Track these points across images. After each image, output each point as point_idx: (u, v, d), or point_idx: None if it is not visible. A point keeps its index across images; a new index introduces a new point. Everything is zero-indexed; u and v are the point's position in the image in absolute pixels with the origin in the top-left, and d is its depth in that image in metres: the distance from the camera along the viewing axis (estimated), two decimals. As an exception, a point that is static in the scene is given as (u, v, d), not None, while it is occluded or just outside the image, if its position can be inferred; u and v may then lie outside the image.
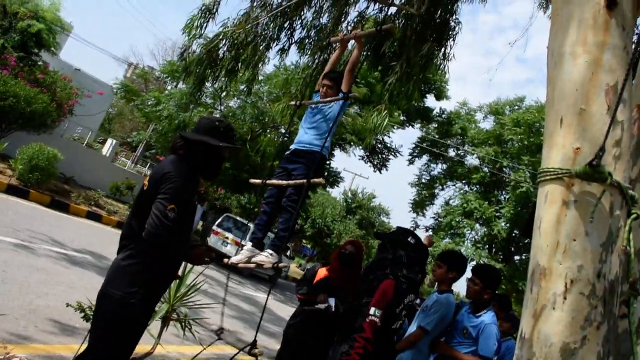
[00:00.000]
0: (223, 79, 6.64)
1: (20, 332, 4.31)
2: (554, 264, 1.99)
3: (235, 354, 3.31)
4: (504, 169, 24.91)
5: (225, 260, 3.68)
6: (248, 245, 3.84)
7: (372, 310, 3.03)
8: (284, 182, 3.96)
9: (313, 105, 4.21)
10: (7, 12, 16.15)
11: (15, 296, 5.11)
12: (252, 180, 4.21)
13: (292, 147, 4.11)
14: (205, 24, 6.33)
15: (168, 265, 2.73)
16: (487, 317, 3.80)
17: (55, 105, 15.03)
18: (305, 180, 3.74)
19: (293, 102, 4.47)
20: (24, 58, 15.87)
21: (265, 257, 3.74)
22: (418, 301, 4.06)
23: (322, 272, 4.58)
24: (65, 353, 4.20)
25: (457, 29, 6.05)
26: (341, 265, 4.39)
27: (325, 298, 4.26)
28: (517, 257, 25.48)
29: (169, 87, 24.67)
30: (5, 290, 5.11)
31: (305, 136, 4.05)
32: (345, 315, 4.11)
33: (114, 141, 23.10)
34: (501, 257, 24.66)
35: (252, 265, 3.76)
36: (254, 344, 3.17)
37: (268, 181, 4.03)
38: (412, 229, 26.39)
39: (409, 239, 3.24)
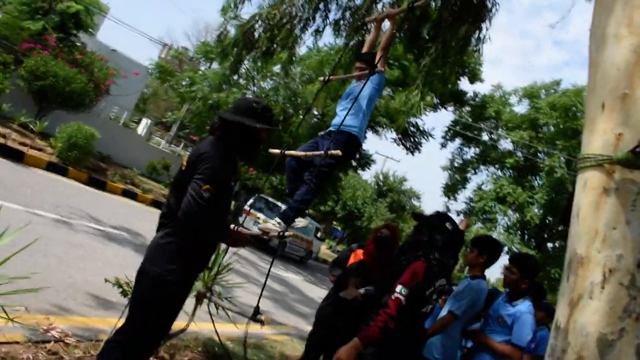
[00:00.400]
0: (259, 60, 6.65)
1: (60, 304, 4.47)
2: (593, 253, 1.94)
3: (247, 327, 3.38)
4: (538, 154, 24.36)
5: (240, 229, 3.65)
6: (276, 219, 3.83)
7: (398, 287, 3.00)
8: (301, 153, 3.94)
9: (349, 88, 4.17)
10: (48, -7, 16.47)
11: (55, 270, 5.29)
12: (272, 150, 4.17)
13: (330, 128, 4.10)
14: (241, 6, 6.34)
15: (205, 245, 2.78)
16: (524, 306, 3.76)
17: (93, 85, 15.35)
18: (322, 152, 3.70)
19: (322, 78, 4.42)
20: (63, 39, 16.21)
21: (272, 225, 3.71)
22: (449, 287, 4.05)
23: (357, 255, 4.58)
24: (103, 326, 4.35)
25: (493, 10, 5.91)
26: (377, 249, 4.36)
27: (355, 282, 4.25)
28: (550, 245, 25.04)
29: (202, 68, 24.86)
30: (46, 263, 5.30)
31: (337, 119, 4.03)
32: (378, 299, 4.09)
33: (149, 121, 23.52)
34: (534, 244, 24.26)
35: (259, 233, 3.70)
36: (256, 311, 3.21)
37: (287, 152, 4.02)
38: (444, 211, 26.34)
39: (446, 224, 3.21)
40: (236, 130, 2.82)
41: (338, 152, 3.69)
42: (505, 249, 22.19)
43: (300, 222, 3.87)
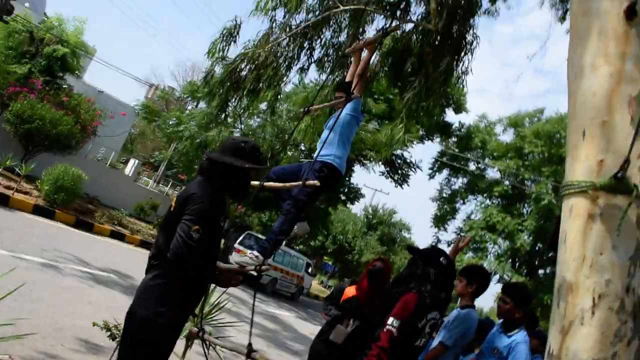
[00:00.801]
0: (245, 99, 6.73)
1: (48, 351, 4.37)
2: (581, 279, 1.96)
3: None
4: (526, 182, 24.61)
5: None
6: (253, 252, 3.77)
7: (390, 320, 3.01)
8: (279, 185, 3.91)
9: (329, 123, 4.19)
10: (34, 38, 16.63)
11: (43, 315, 5.18)
12: (253, 183, 4.16)
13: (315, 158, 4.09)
14: (227, 47, 6.45)
15: (195, 285, 2.74)
16: (519, 336, 3.73)
17: (80, 127, 15.37)
18: (299, 183, 3.67)
19: (302, 109, 4.45)
20: (49, 82, 16.29)
21: (249, 259, 3.64)
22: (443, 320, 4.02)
23: (349, 291, 4.55)
24: (92, 372, 4.24)
25: (474, 43, 6.06)
26: (370, 283, 4.38)
27: (346, 323, 4.22)
28: (541, 271, 25.05)
29: (189, 107, 25.02)
30: (33, 309, 5.20)
31: (319, 149, 4.03)
32: (371, 332, 4.08)
33: (136, 161, 23.48)
34: (525, 271, 24.26)
35: (236, 267, 3.48)
36: (250, 348, 3.15)
37: (266, 184, 3.99)
38: (434, 244, 26.18)
39: (440, 259, 3.22)
40: (225, 171, 2.83)
41: (316, 182, 3.68)
42: (497, 277, 22.12)
43: (247, 258, 3.75)
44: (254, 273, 3.57)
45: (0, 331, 2.99)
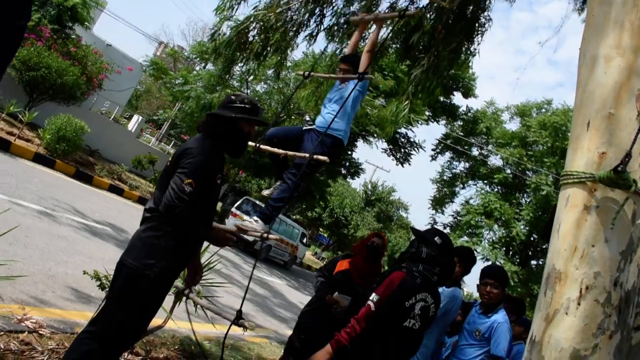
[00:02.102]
0: (252, 62, 6.65)
1: (38, 296, 4.42)
2: (571, 269, 1.96)
3: (228, 330, 3.33)
4: (527, 172, 24.58)
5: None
6: (253, 217, 3.77)
7: (372, 295, 3.04)
8: (283, 151, 3.88)
9: (332, 91, 4.12)
10: (45, -16, 16.39)
11: (36, 261, 5.23)
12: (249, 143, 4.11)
13: (312, 126, 4.05)
14: (236, 6, 6.34)
15: (188, 241, 2.75)
16: (499, 316, 3.77)
17: (86, 79, 15.26)
18: (307, 155, 3.64)
19: (301, 73, 4.36)
20: (58, 31, 16.12)
21: (250, 223, 3.63)
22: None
23: (342, 265, 4.59)
24: (80, 320, 4.30)
25: (487, 25, 5.95)
26: (367, 258, 4.44)
27: (332, 298, 4.29)
28: (533, 262, 25.21)
29: (197, 68, 24.82)
30: (27, 254, 5.24)
31: (319, 119, 3.99)
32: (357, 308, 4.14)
33: (140, 118, 23.38)
34: (518, 260, 24.41)
35: (234, 229, 3.52)
36: (239, 315, 3.18)
37: (262, 146, 3.94)
38: (430, 224, 26.21)
39: (435, 239, 3.21)
40: (216, 123, 2.85)
41: (326, 158, 3.67)
42: (489, 263, 22.28)
43: (247, 223, 3.71)
44: (249, 239, 3.59)
45: (-8, 273, 3.02)
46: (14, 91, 13.60)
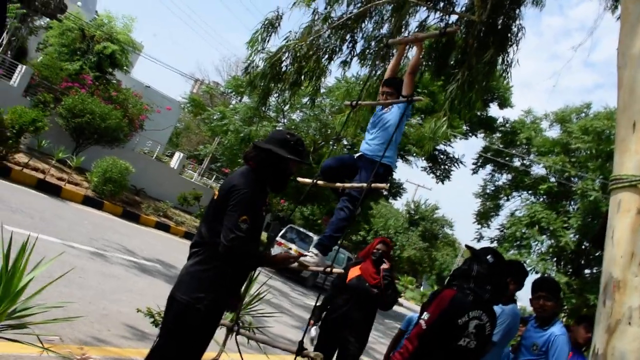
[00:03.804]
0: (287, 91, 6.76)
1: (95, 335, 4.52)
2: (629, 276, 1.89)
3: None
4: (572, 179, 23.85)
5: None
6: (312, 250, 3.79)
7: (423, 314, 3.00)
8: (340, 184, 3.91)
9: (376, 115, 4.14)
10: (86, 36, 17.21)
11: (91, 301, 5.37)
12: (301, 180, 4.15)
13: (360, 152, 4.07)
14: (268, 38, 6.48)
15: (237, 274, 2.79)
16: (556, 328, 3.66)
17: (127, 121, 15.83)
18: (365, 184, 3.66)
19: (349, 103, 4.39)
20: (99, 77, 16.85)
21: (310, 257, 3.62)
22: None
23: (354, 272, 4.66)
24: (136, 357, 4.37)
25: (520, 34, 5.91)
26: (374, 264, 4.58)
27: (312, 324, 4.47)
28: (587, 271, 24.26)
29: (233, 102, 25.35)
30: (82, 295, 5.39)
31: (366, 146, 4.02)
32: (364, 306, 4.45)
33: (182, 154, 23.93)
34: (570, 270, 23.56)
35: (296, 265, 3.43)
36: (301, 347, 3.18)
37: (319, 182, 3.99)
38: (476, 239, 25.61)
39: (487, 257, 3.16)
40: (268, 159, 2.86)
41: (384, 185, 3.70)
42: (538, 276, 21.60)
43: (308, 257, 3.71)
44: (319, 269, 3.62)
45: (51, 314, 3.11)
46: (62, 138, 14.21)
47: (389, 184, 3.98)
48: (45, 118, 12.26)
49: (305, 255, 3.64)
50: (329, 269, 3.54)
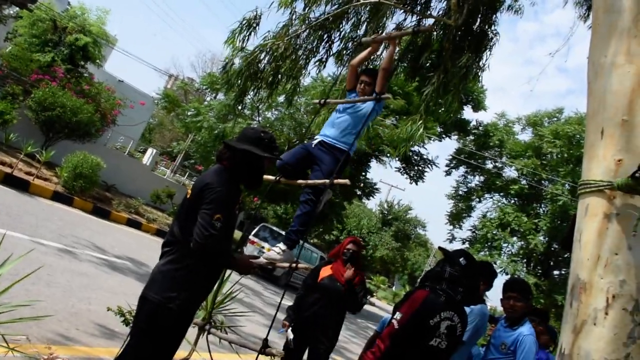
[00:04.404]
0: (263, 91, 6.75)
1: (63, 333, 4.44)
2: (595, 278, 1.94)
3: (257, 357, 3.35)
4: (543, 182, 24.36)
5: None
6: (279, 246, 3.78)
7: (395, 314, 3.04)
8: (302, 181, 3.89)
9: (346, 107, 4.12)
10: (57, 27, 16.84)
11: (59, 299, 5.27)
12: (266, 177, 4.15)
13: (318, 137, 4.03)
14: (247, 38, 6.46)
15: (208, 272, 2.77)
16: (525, 328, 3.74)
17: (100, 115, 15.56)
18: (327, 181, 3.66)
19: (317, 101, 4.39)
20: (71, 70, 16.50)
21: (276, 254, 3.65)
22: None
23: (325, 271, 4.70)
24: (105, 356, 4.31)
25: (494, 39, 6.01)
26: (344, 263, 4.62)
27: (287, 325, 4.59)
28: (556, 272, 24.81)
29: (208, 98, 25.15)
30: (50, 293, 5.29)
31: (332, 130, 3.98)
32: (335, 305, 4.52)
33: (154, 151, 23.68)
34: (540, 271, 24.06)
35: (264, 262, 3.60)
36: (265, 344, 3.19)
37: (282, 179, 3.98)
38: (448, 240, 25.92)
39: (460, 259, 3.21)
40: (243, 159, 2.86)
41: (346, 181, 3.71)
42: (508, 277, 22.00)
43: (274, 253, 3.76)
44: (284, 266, 3.62)
45: (18, 313, 3.05)
46: (31, 131, 13.89)
47: (343, 168, 3.98)
48: (14, 111, 11.97)
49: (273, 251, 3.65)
50: (294, 265, 3.55)
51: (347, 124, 3.95)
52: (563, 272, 23.98)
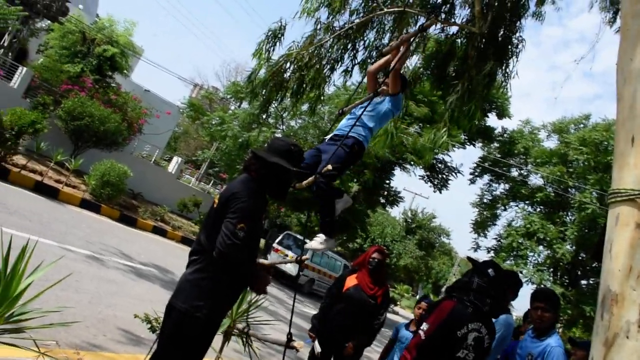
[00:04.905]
0: (288, 100, 6.79)
1: (90, 340, 4.51)
2: (627, 290, 1.90)
3: (284, 354, 3.37)
4: (570, 190, 23.92)
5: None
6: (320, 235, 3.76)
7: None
8: (311, 179, 3.81)
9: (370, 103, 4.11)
10: (87, 38, 17.24)
11: (87, 306, 5.36)
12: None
13: (334, 132, 4.02)
14: (272, 48, 6.51)
15: (234, 281, 2.78)
16: (553, 340, 3.66)
17: (126, 125, 15.83)
18: (313, 176, 3.50)
19: (338, 111, 4.40)
20: (99, 80, 16.86)
21: (318, 243, 3.62)
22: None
23: (351, 281, 4.67)
24: (132, 362, 4.36)
25: (520, 46, 5.95)
26: (370, 273, 4.61)
27: (313, 337, 4.60)
28: (584, 282, 24.29)
29: (232, 107, 25.38)
30: (79, 299, 5.38)
31: (343, 122, 3.99)
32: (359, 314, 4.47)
33: (180, 159, 23.93)
34: (567, 281, 23.58)
35: (308, 255, 3.64)
36: (289, 337, 3.20)
37: (297, 184, 3.94)
38: (473, 249, 25.58)
39: (489, 270, 3.17)
40: (272, 171, 2.85)
41: (328, 167, 3.60)
42: (535, 286, 21.63)
43: (316, 243, 3.72)
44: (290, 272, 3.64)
45: (48, 318, 3.11)
46: (61, 140, 14.20)
47: (357, 159, 3.93)
48: (45, 120, 12.25)
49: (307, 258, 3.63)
50: (299, 259, 3.47)
51: (364, 120, 3.94)
52: (591, 282, 23.48)
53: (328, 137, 4.03)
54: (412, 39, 4.50)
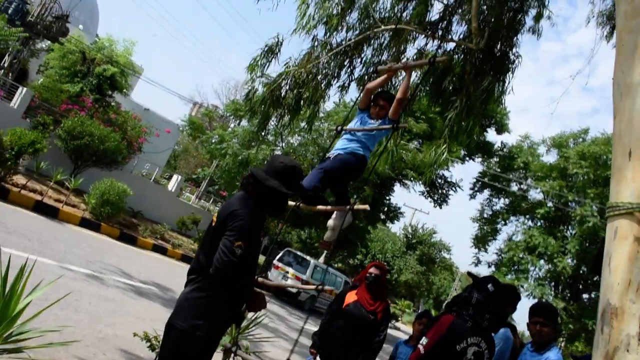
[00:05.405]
0: (286, 116, 6.83)
1: (90, 359, 4.48)
2: (627, 304, 1.90)
3: None
4: (570, 204, 23.91)
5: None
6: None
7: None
8: (322, 207, 3.90)
9: (364, 123, 4.17)
10: (86, 58, 17.39)
11: (87, 324, 5.33)
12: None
13: (333, 152, 4.07)
14: (267, 64, 6.57)
15: (233, 300, 2.77)
16: (553, 353, 3.64)
17: (126, 143, 15.88)
18: (348, 207, 3.70)
19: (333, 128, 4.46)
20: (99, 100, 16.97)
21: (333, 220, 3.77)
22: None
23: (350, 297, 4.66)
24: (132, 382, 4.32)
25: (516, 62, 6.00)
26: (368, 289, 4.60)
27: (315, 353, 4.59)
28: (585, 295, 24.18)
29: (232, 125, 25.49)
30: (78, 318, 5.35)
31: (348, 144, 4.03)
32: (359, 329, 4.46)
33: (180, 177, 23.95)
34: (568, 294, 23.47)
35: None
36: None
37: (301, 205, 3.98)
38: (473, 263, 25.52)
39: (488, 285, 3.17)
40: (269, 193, 2.85)
41: (366, 206, 3.75)
42: (536, 300, 21.52)
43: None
44: (293, 290, 3.66)
45: (47, 338, 3.10)
46: (61, 160, 14.23)
47: (360, 174, 4.04)
48: (45, 140, 12.31)
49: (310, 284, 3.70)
50: (320, 287, 3.57)
51: (360, 141, 4.03)
52: (593, 296, 23.37)
53: (332, 154, 4.07)
54: (414, 68, 4.54)
